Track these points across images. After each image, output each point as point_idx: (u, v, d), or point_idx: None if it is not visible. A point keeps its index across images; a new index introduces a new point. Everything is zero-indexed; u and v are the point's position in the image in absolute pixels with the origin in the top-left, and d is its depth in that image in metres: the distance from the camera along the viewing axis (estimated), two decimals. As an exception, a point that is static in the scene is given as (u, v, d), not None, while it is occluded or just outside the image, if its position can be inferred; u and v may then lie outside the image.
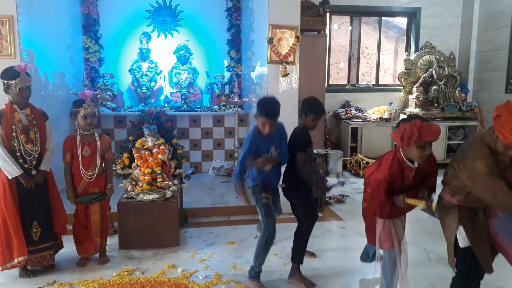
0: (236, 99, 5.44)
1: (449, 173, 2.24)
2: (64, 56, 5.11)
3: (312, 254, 3.29)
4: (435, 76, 6.58)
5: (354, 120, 6.44)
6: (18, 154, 2.78)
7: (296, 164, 2.83)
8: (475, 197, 2.13)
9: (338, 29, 7.18)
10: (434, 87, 6.58)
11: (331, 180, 3.51)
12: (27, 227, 2.86)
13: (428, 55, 6.79)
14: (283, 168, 2.97)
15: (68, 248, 3.21)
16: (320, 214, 4.31)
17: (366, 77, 7.41)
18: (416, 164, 2.26)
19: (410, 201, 2.19)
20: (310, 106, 2.90)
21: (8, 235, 2.82)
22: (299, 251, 2.91)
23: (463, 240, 2.21)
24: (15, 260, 2.83)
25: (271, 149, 2.80)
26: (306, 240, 2.93)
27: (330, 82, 7.08)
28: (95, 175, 3.03)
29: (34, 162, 2.84)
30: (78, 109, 2.93)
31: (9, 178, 2.76)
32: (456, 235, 2.23)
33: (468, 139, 2.37)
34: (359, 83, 7.18)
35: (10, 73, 2.76)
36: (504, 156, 2.06)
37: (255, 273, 2.78)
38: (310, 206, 3.00)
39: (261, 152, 2.76)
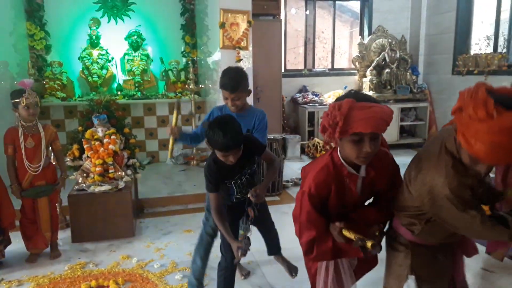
0: (192, 86, 5.37)
1: (404, 194, 1.53)
2: (6, 44, 4.82)
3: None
4: (387, 60, 6.77)
5: (311, 104, 6.53)
6: (-44, 148, 2.63)
7: None
8: (439, 226, 1.48)
9: (294, 14, 7.20)
10: (386, 70, 6.76)
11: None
12: (-28, 224, 2.73)
13: (381, 39, 6.96)
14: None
15: (17, 245, 3.09)
16: (277, 198, 4.39)
17: (323, 62, 7.50)
18: (363, 171, 1.55)
19: (350, 234, 1.45)
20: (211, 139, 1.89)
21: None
22: None
23: None
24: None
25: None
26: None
27: (288, 67, 7.12)
28: (40, 167, 2.91)
29: (-24, 157, 2.71)
30: (18, 100, 2.79)
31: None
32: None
33: (427, 143, 1.66)
34: (316, 67, 7.26)
35: None
36: (474, 170, 1.36)
37: None
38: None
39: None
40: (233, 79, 2.32)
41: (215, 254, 2.45)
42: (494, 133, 1.16)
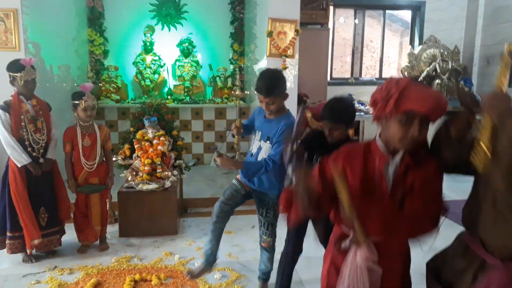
0: (238, 92, 5.49)
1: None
2: (69, 49, 5.21)
3: None
4: (438, 70, 6.55)
5: (356, 113, 6.43)
6: (26, 143, 2.89)
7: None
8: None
9: (343, 23, 7.17)
10: (437, 81, 6.55)
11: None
12: (35, 213, 2.97)
13: (432, 49, 6.75)
14: None
15: (70, 235, 3.32)
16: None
17: (371, 70, 7.40)
18: (398, 157, 1.35)
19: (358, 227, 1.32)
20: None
21: (23, 220, 2.91)
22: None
23: None
24: (32, 243, 2.94)
25: (257, 133, 2.45)
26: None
27: (334, 76, 7.10)
28: (95, 165, 3.13)
29: (41, 151, 2.96)
30: (78, 102, 3.03)
31: (19, 166, 2.86)
32: None
33: None
34: (363, 76, 7.18)
35: (16, 66, 2.86)
36: None
37: None
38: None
39: (254, 127, 2.51)
40: (268, 83, 2.24)
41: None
42: None
